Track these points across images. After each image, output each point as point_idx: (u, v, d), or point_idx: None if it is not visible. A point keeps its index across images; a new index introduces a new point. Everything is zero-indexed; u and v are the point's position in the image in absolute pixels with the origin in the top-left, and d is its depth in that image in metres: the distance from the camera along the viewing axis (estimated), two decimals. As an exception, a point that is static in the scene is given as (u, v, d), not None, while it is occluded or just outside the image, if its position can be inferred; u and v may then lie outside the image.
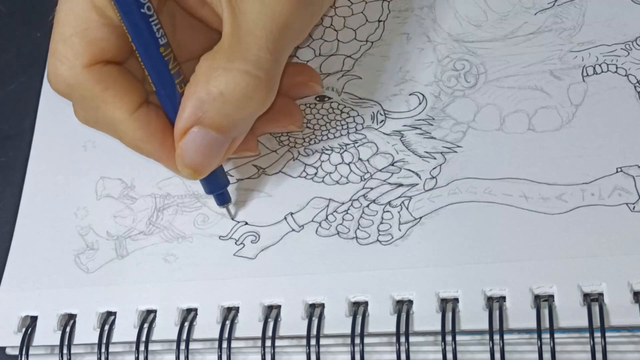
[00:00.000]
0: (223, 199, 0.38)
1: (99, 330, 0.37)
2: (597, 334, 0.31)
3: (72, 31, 0.34)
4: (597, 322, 0.31)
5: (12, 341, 0.38)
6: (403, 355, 0.33)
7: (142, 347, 0.36)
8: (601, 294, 0.32)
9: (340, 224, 0.37)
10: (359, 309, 0.35)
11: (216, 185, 0.37)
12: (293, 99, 0.40)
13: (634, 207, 0.34)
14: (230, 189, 0.39)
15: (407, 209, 0.36)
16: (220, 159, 0.35)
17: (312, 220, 0.37)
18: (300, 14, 0.33)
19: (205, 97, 0.32)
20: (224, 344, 0.35)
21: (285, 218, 0.38)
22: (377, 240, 0.36)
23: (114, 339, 0.37)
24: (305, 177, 0.38)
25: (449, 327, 0.33)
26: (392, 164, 0.38)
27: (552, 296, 0.33)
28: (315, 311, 0.35)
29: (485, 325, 0.32)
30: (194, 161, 0.34)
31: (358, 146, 0.38)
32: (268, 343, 0.35)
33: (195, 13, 0.37)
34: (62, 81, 0.34)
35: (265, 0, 0.32)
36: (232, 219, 0.38)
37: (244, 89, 0.32)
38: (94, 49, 0.34)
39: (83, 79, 0.34)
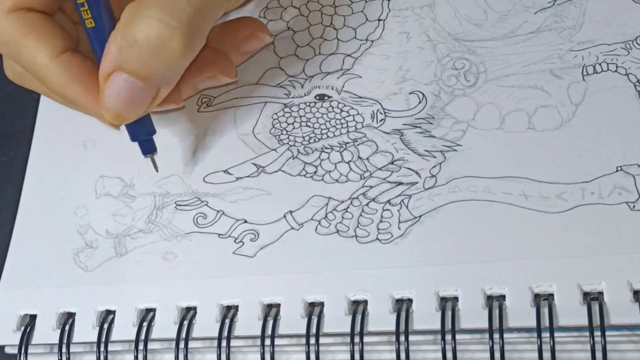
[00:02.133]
0: (148, 148, 0.38)
1: (98, 328, 0.37)
2: (597, 333, 0.31)
3: None
4: (597, 321, 0.31)
5: (11, 340, 0.38)
6: (403, 354, 0.33)
7: (141, 346, 0.36)
8: (601, 293, 0.32)
9: (340, 222, 0.37)
10: (358, 308, 0.34)
11: (141, 132, 0.37)
12: (243, 56, 0.40)
13: (634, 205, 0.34)
14: (231, 188, 0.39)
15: (406, 207, 0.36)
16: (144, 107, 0.35)
17: (312, 219, 0.37)
18: None
19: (123, 43, 0.33)
20: (224, 343, 0.35)
21: (284, 216, 0.37)
22: (377, 238, 0.36)
23: (113, 337, 0.37)
24: (304, 175, 0.38)
25: (448, 325, 0.33)
26: (392, 163, 0.38)
27: (551, 295, 0.33)
28: (314, 310, 0.35)
29: (485, 324, 0.32)
30: (116, 106, 0.34)
31: (358, 145, 0.38)
32: (267, 342, 0.35)
33: None
34: None
35: None
36: (157, 170, 0.38)
37: (156, 37, 0.32)
38: None
39: (4, 25, 0.34)
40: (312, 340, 0.34)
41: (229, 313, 0.36)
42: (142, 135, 0.37)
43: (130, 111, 0.35)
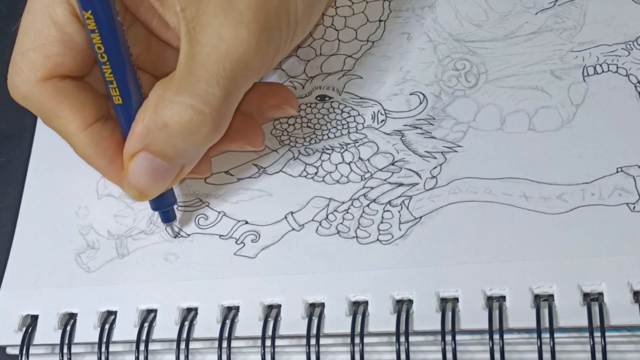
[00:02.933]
0: (167, 217, 0.38)
1: (99, 329, 0.37)
2: (597, 334, 0.31)
3: (30, 45, 0.34)
4: (597, 321, 0.31)
5: (12, 340, 0.38)
6: (403, 355, 0.33)
7: (142, 347, 0.36)
8: (601, 294, 0.32)
9: (341, 223, 0.37)
10: (359, 309, 0.35)
11: (162, 203, 0.37)
12: (265, 119, 0.40)
13: (634, 207, 0.34)
14: (232, 189, 0.39)
15: (407, 208, 0.36)
16: (168, 184, 0.35)
17: (313, 220, 0.37)
18: (261, 50, 0.33)
19: (152, 125, 0.33)
20: (224, 344, 0.35)
21: (285, 217, 0.38)
22: (377, 239, 0.36)
23: (115, 338, 0.37)
24: (305, 176, 0.39)
25: (448, 326, 0.33)
26: (393, 164, 0.38)
27: (552, 296, 0.33)
28: (315, 310, 0.35)
29: (485, 325, 0.32)
30: (140, 184, 0.34)
31: (358, 146, 0.38)
32: (268, 342, 0.35)
33: (162, 36, 0.37)
34: (17, 93, 0.35)
35: (224, 33, 0.32)
36: (175, 237, 0.39)
37: (187, 123, 0.32)
38: (50, 64, 0.34)
39: (37, 92, 0.34)
40: (313, 341, 0.34)
41: (230, 314, 0.36)
42: (164, 206, 0.38)
43: (153, 189, 0.35)
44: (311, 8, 0.35)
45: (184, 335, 0.36)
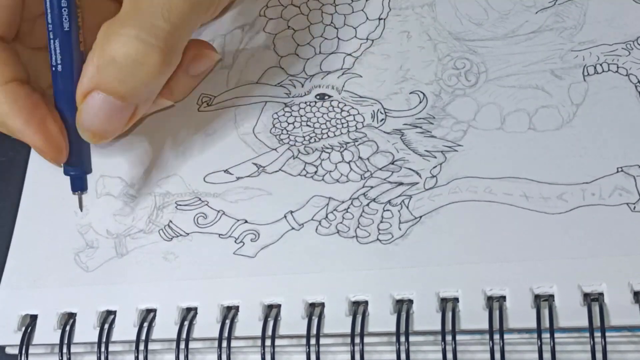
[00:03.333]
0: (78, 185, 0.38)
1: (98, 329, 0.37)
2: (597, 334, 0.31)
3: None
4: (597, 322, 0.31)
5: (11, 340, 0.38)
6: (403, 355, 0.33)
7: (141, 346, 0.36)
8: (601, 294, 0.32)
9: (340, 222, 0.37)
10: (359, 308, 0.35)
11: (75, 169, 0.37)
12: (196, 77, 0.40)
13: (635, 207, 0.34)
14: (231, 188, 0.39)
15: (407, 207, 0.36)
16: (122, 125, 0.35)
17: (312, 219, 0.37)
18: None
19: (101, 62, 0.32)
20: (224, 343, 0.35)
21: (285, 216, 0.37)
22: (377, 239, 0.36)
23: (114, 337, 0.37)
24: (305, 175, 0.38)
25: (449, 326, 0.33)
26: (393, 163, 0.38)
27: (552, 296, 0.33)
28: (315, 310, 0.35)
29: (485, 325, 0.32)
30: (94, 125, 0.34)
31: (358, 145, 0.38)
32: (268, 342, 0.35)
33: None
34: None
35: None
36: (81, 209, 0.38)
37: (133, 54, 0.32)
38: None
39: None
40: (313, 341, 0.34)
41: (230, 313, 0.36)
42: (78, 171, 0.37)
43: (108, 130, 0.35)
44: None
45: (184, 335, 0.36)
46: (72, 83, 0.35)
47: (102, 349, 0.37)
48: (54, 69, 0.35)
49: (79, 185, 0.38)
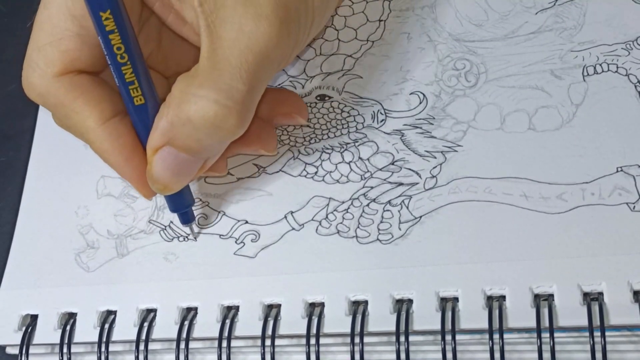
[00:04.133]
0: (187, 218, 0.38)
1: (99, 329, 0.37)
2: (597, 333, 0.31)
3: (47, 40, 0.34)
4: (596, 321, 0.31)
5: (12, 340, 0.38)
6: (403, 355, 0.33)
7: (142, 346, 0.36)
8: (601, 293, 0.32)
9: (341, 222, 0.37)
10: (358, 308, 0.35)
11: (181, 204, 0.37)
12: (273, 125, 0.39)
13: (634, 206, 0.34)
14: (231, 188, 0.39)
15: (407, 208, 0.36)
16: (191, 178, 0.35)
17: (312, 219, 0.37)
18: (281, 43, 0.32)
19: (176, 120, 0.32)
20: (224, 343, 0.35)
21: (285, 217, 0.38)
22: (377, 239, 0.36)
23: (114, 337, 0.37)
24: (305, 176, 0.39)
25: (448, 326, 0.33)
26: (393, 163, 0.38)
27: (551, 295, 0.33)
28: (315, 310, 0.35)
29: (485, 325, 0.32)
30: (164, 178, 0.34)
31: (358, 145, 0.38)
32: (268, 342, 0.35)
33: (178, 31, 0.37)
34: (33, 90, 0.35)
35: (245, 27, 0.32)
36: (195, 238, 0.38)
37: (212, 117, 0.32)
38: (67, 59, 0.34)
39: (54, 87, 0.34)
40: (313, 341, 0.34)
41: (230, 313, 0.36)
42: (182, 207, 0.38)
43: (177, 182, 0.35)
44: (327, 0, 0.35)
45: (184, 335, 0.36)
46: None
47: (103, 348, 0.37)
48: (134, 105, 0.35)
49: (186, 219, 0.38)
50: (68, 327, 0.38)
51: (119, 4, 0.32)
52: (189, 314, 0.36)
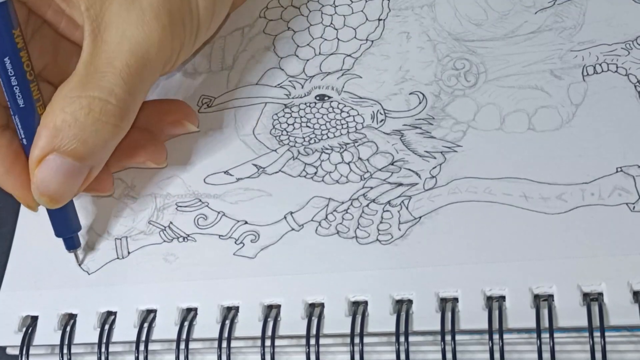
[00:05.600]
0: (72, 244, 0.38)
1: (99, 330, 0.37)
2: (597, 334, 0.31)
3: None
4: (596, 321, 0.31)
5: (12, 341, 0.38)
6: (403, 355, 0.33)
7: (142, 347, 0.36)
8: (601, 294, 0.32)
9: (340, 223, 0.37)
10: (358, 309, 0.35)
11: (67, 229, 0.38)
12: (166, 137, 0.40)
13: (634, 207, 0.34)
14: (231, 189, 0.39)
15: (406, 208, 0.36)
16: (77, 188, 0.35)
17: (312, 220, 0.37)
18: (164, 47, 0.34)
19: (61, 124, 0.33)
20: (224, 344, 0.35)
21: (285, 217, 0.38)
22: (377, 239, 0.36)
23: (114, 338, 0.37)
24: (305, 176, 0.38)
25: (448, 326, 0.33)
26: (392, 164, 0.38)
27: (551, 296, 0.33)
28: (315, 311, 0.35)
29: (484, 325, 0.32)
30: (50, 189, 0.34)
31: (358, 145, 0.38)
32: (268, 343, 0.35)
33: (72, 37, 0.37)
34: None
35: (127, 31, 0.33)
36: (79, 265, 0.39)
37: (97, 114, 0.33)
38: None
39: None
40: (313, 341, 0.34)
41: (230, 314, 0.36)
42: (68, 232, 0.38)
43: (64, 193, 0.35)
44: (212, 6, 0.36)
45: (184, 336, 0.36)
46: None
47: (103, 349, 0.37)
48: (22, 142, 0.36)
49: (71, 245, 0.38)
50: (68, 328, 0.38)
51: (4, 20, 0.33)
52: (188, 315, 0.36)
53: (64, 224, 0.37)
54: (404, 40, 0.40)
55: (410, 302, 0.34)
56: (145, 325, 0.37)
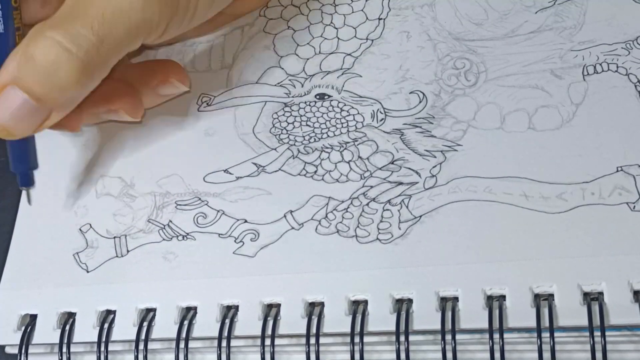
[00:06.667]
0: (26, 181, 0.38)
1: (98, 328, 0.37)
2: (597, 333, 0.31)
3: None
4: (597, 321, 0.31)
5: (11, 339, 0.38)
6: (403, 354, 0.33)
7: (141, 346, 0.36)
8: (601, 293, 0.32)
9: (340, 222, 0.37)
10: (358, 308, 0.34)
11: (23, 164, 0.37)
12: (158, 98, 0.40)
13: (634, 206, 0.34)
14: (231, 187, 0.39)
15: (407, 207, 0.36)
16: (34, 127, 0.34)
17: (312, 219, 0.37)
18: (148, 10, 0.33)
19: (22, 59, 0.33)
20: (224, 343, 0.35)
21: (284, 216, 0.37)
22: (377, 238, 0.36)
23: (114, 337, 0.37)
24: (305, 175, 0.38)
25: (448, 326, 0.33)
26: (392, 162, 0.38)
27: (552, 295, 0.33)
28: (314, 310, 0.35)
29: (485, 324, 0.32)
30: (4, 119, 0.34)
31: (358, 144, 0.38)
32: (267, 342, 0.35)
33: None
34: None
35: None
36: (29, 203, 0.39)
37: (52, 59, 0.32)
38: None
39: None
40: (312, 340, 0.34)
41: (229, 313, 0.36)
42: (24, 168, 0.38)
43: (18, 128, 0.34)
44: None
45: (183, 335, 0.36)
46: None
47: (102, 348, 0.37)
48: None
49: (25, 182, 0.38)
50: (67, 327, 0.37)
51: None
52: (188, 314, 0.36)
53: (21, 158, 0.37)
54: (404, 39, 0.40)
55: (410, 301, 0.34)
56: (145, 324, 0.37)
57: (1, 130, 0.34)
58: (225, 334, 0.35)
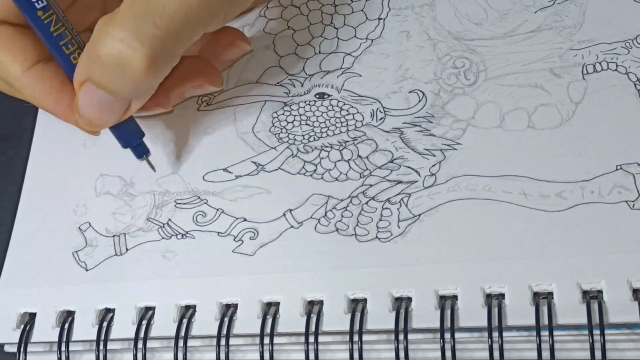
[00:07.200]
0: (141, 152, 0.39)
1: (97, 327, 0.37)
2: (596, 332, 0.31)
3: None
4: (596, 319, 0.31)
5: (10, 338, 0.38)
6: (402, 353, 0.33)
7: (140, 344, 0.36)
8: (600, 292, 0.32)
9: (339, 220, 0.37)
10: (357, 306, 0.34)
11: (130, 139, 0.38)
12: (224, 63, 0.41)
13: (634, 204, 0.34)
14: (230, 186, 0.39)
15: (406, 206, 0.36)
16: (116, 117, 0.36)
17: (311, 217, 0.37)
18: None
19: (89, 57, 0.33)
20: (223, 341, 0.35)
21: (284, 215, 0.37)
22: (376, 237, 0.36)
23: (113, 335, 0.37)
24: (304, 174, 0.38)
25: (448, 324, 0.33)
26: (392, 161, 0.38)
27: (551, 293, 0.33)
28: (314, 308, 0.35)
29: (484, 323, 0.32)
30: (87, 114, 0.35)
31: (357, 143, 0.38)
32: (267, 340, 0.35)
33: None
34: None
35: None
36: (154, 170, 0.40)
37: (117, 56, 0.32)
38: None
39: None
40: (312, 339, 0.34)
41: (228, 311, 0.36)
42: (133, 141, 0.38)
43: (101, 120, 0.35)
44: None
45: (182, 333, 0.36)
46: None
47: (101, 346, 0.37)
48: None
49: (141, 152, 0.39)
50: (66, 325, 0.37)
51: None
52: (187, 312, 0.36)
53: (126, 136, 0.38)
54: (403, 39, 0.41)
55: (409, 299, 0.34)
56: (144, 322, 0.36)
57: (87, 124, 0.36)
58: (224, 332, 0.35)
